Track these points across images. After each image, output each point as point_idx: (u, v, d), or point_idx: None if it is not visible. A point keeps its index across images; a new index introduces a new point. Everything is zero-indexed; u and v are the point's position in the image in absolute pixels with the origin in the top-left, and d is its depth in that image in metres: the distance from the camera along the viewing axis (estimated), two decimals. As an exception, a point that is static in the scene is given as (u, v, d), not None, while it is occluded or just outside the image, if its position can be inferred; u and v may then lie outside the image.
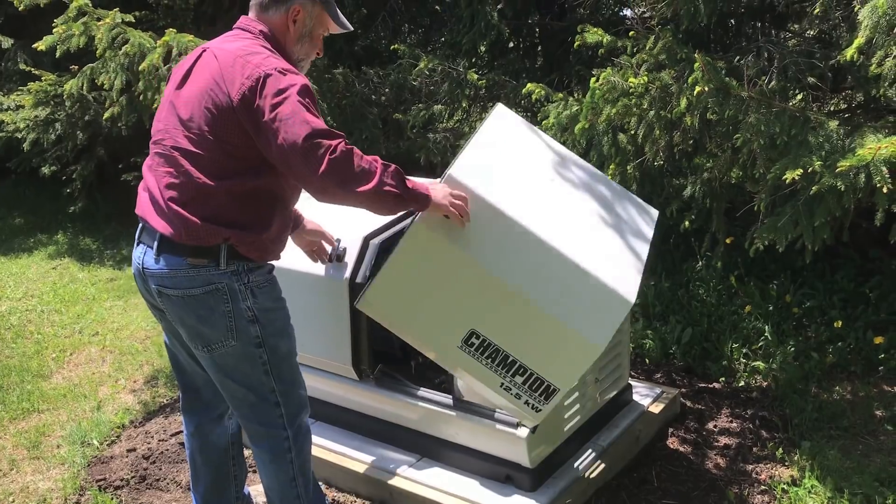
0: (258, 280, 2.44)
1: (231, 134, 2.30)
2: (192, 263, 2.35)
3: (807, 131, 3.15)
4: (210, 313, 2.38)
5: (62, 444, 3.73)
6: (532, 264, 2.49)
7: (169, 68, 4.57)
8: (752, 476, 3.16)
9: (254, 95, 2.26)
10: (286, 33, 2.50)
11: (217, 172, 2.32)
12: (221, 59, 2.35)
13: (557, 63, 5.83)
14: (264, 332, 2.45)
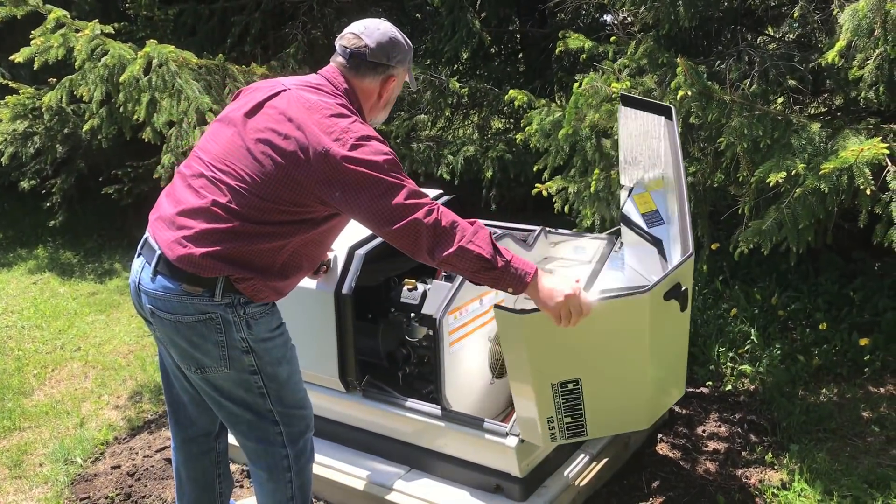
0: (254, 312, 2.33)
1: (292, 191, 2.20)
2: (187, 290, 2.26)
3: (789, 134, 3.17)
4: (202, 341, 2.31)
5: (45, 463, 3.67)
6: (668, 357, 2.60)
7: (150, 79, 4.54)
8: (741, 480, 3.15)
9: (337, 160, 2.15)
10: (372, 99, 2.42)
11: (252, 218, 2.22)
12: (306, 109, 2.22)
13: (539, 70, 5.85)
14: (260, 361, 2.37)
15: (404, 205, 2.15)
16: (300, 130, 2.19)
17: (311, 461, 2.59)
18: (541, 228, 3.36)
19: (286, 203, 2.21)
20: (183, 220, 2.26)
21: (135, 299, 2.44)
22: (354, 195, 2.16)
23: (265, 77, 5.00)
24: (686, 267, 2.35)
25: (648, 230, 2.84)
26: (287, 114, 2.23)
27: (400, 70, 2.43)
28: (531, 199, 4.28)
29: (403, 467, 3.08)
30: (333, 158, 2.14)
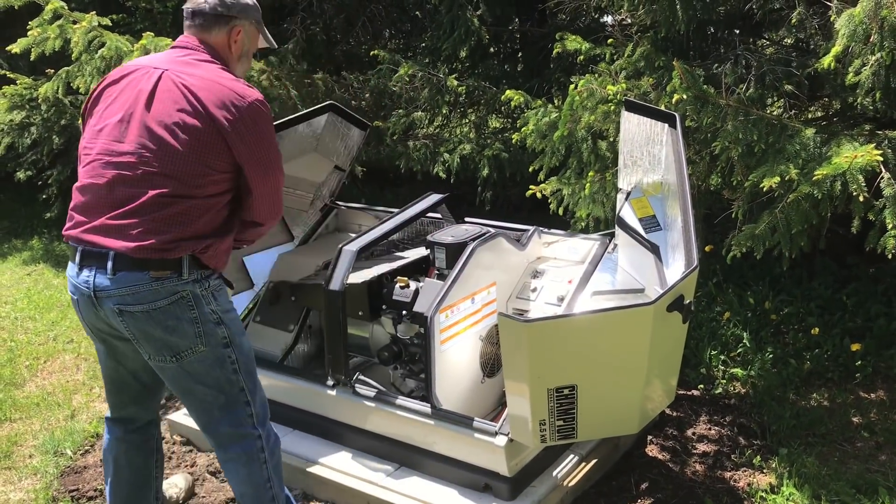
0: (216, 284, 2.49)
1: (214, 158, 2.35)
2: (155, 276, 2.34)
3: (784, 139, 3.17)
4: (178, 322, 2.39)
5: (34, 454, 3.66)
6: (663, 365, 2.63)
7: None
8: (730, 483, 3.16)
9: (232, 118, 2.35)
10: (228, 53, 2.57)
11: (193, 192, 2.35)
12: (201, 85, 2.37)
13: (538, 69, 5.84)
14: (230, 332, 2.49)
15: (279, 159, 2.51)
16: (199, 101, 2.34)
17: (278, 446, 2.69)
18: (534, 228, 3.37)
19: (211, 169, 2.36)
20: (129, 219, 2.33)
21: (87, 312, 2.45)
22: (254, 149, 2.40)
23: (262, 72, 5.00)
24: (690, 280, 2.36)
25: (645, 235, 2.84)
26: (183, 91, 2.36)
27: (244, 22, 2.57)
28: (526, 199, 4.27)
29: (393, 465, 3.08)
30: (236, 118, 2.35)
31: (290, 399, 3.34)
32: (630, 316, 2.34)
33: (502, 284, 3.18)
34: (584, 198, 3.69)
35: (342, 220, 4.05)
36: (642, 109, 2.87)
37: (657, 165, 2.89)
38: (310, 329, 3.53)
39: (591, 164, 3.70)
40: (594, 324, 2.38)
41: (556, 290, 3.15)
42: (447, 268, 3.12)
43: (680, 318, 2.38)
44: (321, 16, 6.19)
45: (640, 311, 2.31)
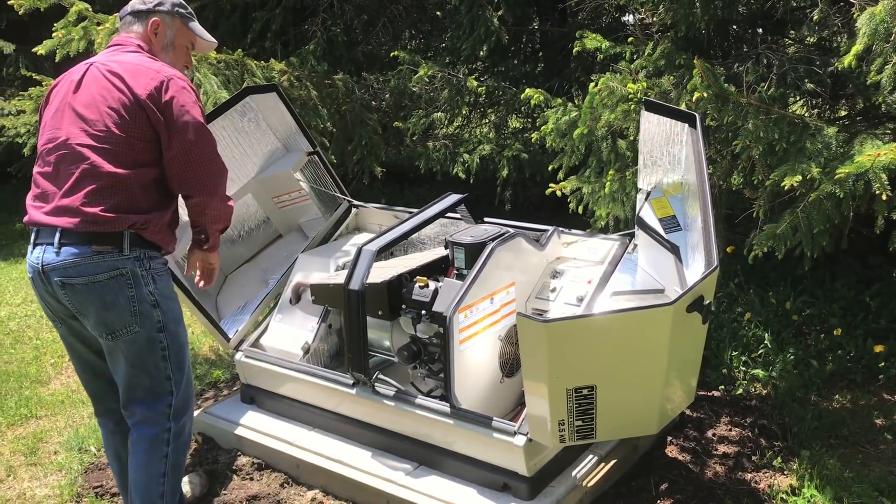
0: (157, 267, 2.64)
1: (137, 129, 2.55)
2: (97, 250, 2.51)
3: (805, 138, 3.15)
4: (115, 298, 2.54)
5: (59, 451, 3.72)
6: (683, 366, 2.61)
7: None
8: (750, 485, 3.14)
9: (159, 96, 2.55)
10: (152, 44, 2.78)
11: (125, 163, 2.54)
12: (122, 67, 2.59)
13: (558, 69, 5.83)
14: (165, 317, 2.63)
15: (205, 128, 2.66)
16: (124, 82, 2.55)
17: (187, 447, 2.82)
18: (553, 228, 3.36)
19: (137, 140, 2.55)
20: (72, 197, 2.52)
21: (40, 288, 2.63)
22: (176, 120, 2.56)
23: (283, 73, 5.03)
24: (709, 281, 2.35)
25: (665, 235, 2.83)
26: (107, 76, 2.58)
27: (163, 15, 2.78)
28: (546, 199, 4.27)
29: (412, 464, 3.09)
30: (156, 91, 2.54)
31: (309, 398, 3.37)
32: (649, 316, 2.33)
33: (521, 284, 3.19)
34: (604, 197, 3.68)
35: (361, 219, 4.07)
36: (662, 109, 2.87)
37: (677, 165, 2.88)
38: (330, 329, 3.55)
39: (610, 163, 3.70)
40: (613, 324, 2.37)
41: (575, 291, 3.14)
42: (466, 268, 3.13)
43: (700, 319, 2.37)
44: (342, 17, 6.23)
45: (659, 312, 2.31)
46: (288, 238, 4.09)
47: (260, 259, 4.03)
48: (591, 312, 2.85)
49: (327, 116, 5.09)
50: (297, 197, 3.97)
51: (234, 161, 3.77)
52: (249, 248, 4.05)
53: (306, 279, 3.60)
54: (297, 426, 3.41)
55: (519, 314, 2.37)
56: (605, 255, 3.25)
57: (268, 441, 3.36)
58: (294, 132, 3.87)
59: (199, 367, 4.49)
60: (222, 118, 3.60)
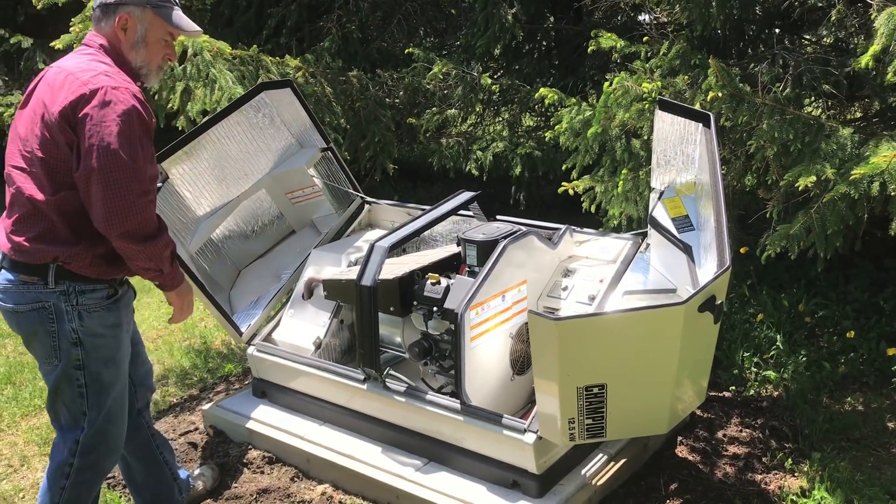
0: (89, 303, 2.45)
1: (55, 149, 2.35)
2: (23, 280, 2.42)
3: (820, 139, 3.14)
4: (35, 331, 2.46)
5: (72, 442, 3.74)
6: (694, 365, 2.59)
7: (184, 68, 4.60)
8: (760, 486, 3.13)
9: (73, 112, 2.31)
10: (120, 43, 2.51)
11: (46, 189, 2.36)
12: (53, 78, 2.41)
13: (572, 67, 5.83)
14: (87, 357, 2.48)
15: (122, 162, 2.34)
16: (50, 95, 2.37)
17: (92, 485, 2.66)
18: (566, 227, 3.36)
19: (56, 161, 2.35)
20: (6, 221, 2.45)
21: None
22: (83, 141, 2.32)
23: (298, 69, 5.04)
24: (721, 280, 2.34)
25: (678, 235, 2.82)
26: (44, 87, 2.43)
27: (133, 8, 2.49)
28: (559, 197, 4.27)
29: (422, 459, 3.10)
30: (70, 107, 2.31)
31: (321, 393, 3.38)
32: (661, 315, 2.33)
33: (533, 283, 3.19)
34: (617, 196, 3.68)
35: (374, 216, 4.08)
36: (676, 109, 2.86)
37: (690, 165, 2.88)
38: (342, 324, 3.57)
39: (624, 163, 3.69)
40: (624, 323, 2.37)
41: (587, 289, 3.14)
42: (478, 265, 3.13)
43: (711, 319, 2.37)
44: (357, 13, 6.24)
45: (670, 311, 2.31)
46: (301, 234, 4.10)
47: (273, 254, 4.05)
48: (602, 311, 2.85)
49: (341, 113, 5.10)
50: (310, 193, 3.99)
51: (248, 156, 3.79)
52: (263, 243, 4.07)
53: (319, 274, 3.61)
54: (308, 421, 3.42)
55: (530, 312, 2.37)
56: (618, 254, 3.25)
57: (279, 435, 3.38)
58: (308, 128, 3.88)
59: (211, 361, 4.51)
60: (237, 113, 3.62)
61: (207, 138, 3.59)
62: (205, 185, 3.70)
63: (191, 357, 4.55)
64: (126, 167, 2.29)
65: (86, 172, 2.29)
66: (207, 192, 3.72)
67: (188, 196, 3.67)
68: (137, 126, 2.33)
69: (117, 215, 2.31)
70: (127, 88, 2.35)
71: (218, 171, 3.70)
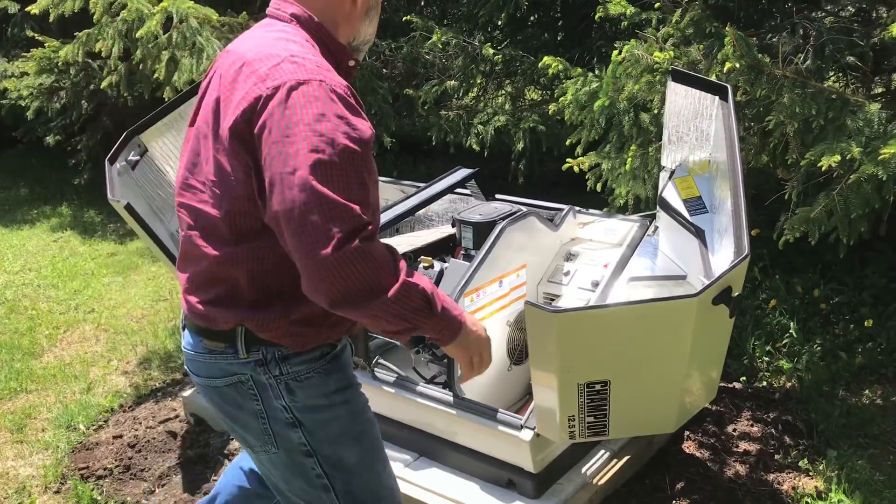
0: (296, 371, 1.75)
1: (229, 182, 1.64)
2: (208, 347, 1.78)
3: (845, 115, 2.90)
4: (238, 411, 1.80)
5: (47, 428, 3.57)
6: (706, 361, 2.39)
7: (169, 36, 4.37)
8: (773, 486, 2.94)
9: (247, 124, 1.59)
10: (343, 10, 1.77)
11: (224, 237, 1.68)
12: (226, 70, 1.69)
13: (579, 38, 5.57)
14: (312, 438, 1.78)
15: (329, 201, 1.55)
16: (224, 99, 1.67)
17: None
18: (569, 208, 3.15)
19: (238, 197, 1.64)
20: (182, 272, 1.83)
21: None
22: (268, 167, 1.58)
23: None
24: (738, 270, 2.12)
25: (690, 218, 2.61)
26: (218, 85, 1.71)
27: None
28: (563, 174, 4.04)
29: (412, 454, 2.91)
30: (244, 118, 1.61)
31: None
32: (671, 308, 2.12)
33: (533, 267, 2.98)
34: (625, 174, 3.45)
35: (367, 193, 3.85)
36: (691, 80, 2.63)
37: (705, 142, 2.65)
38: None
39: (632, 138, 3.46)
40: (631, 316, 2.16)
41: (590, 275, 2.94)
42: (474, 248, 2.93)
43: (727, 312, 2.15)
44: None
45: (682, 304, 2.09)
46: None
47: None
48: (607, 303, 2.64)
49: (336, 84, 4.86)
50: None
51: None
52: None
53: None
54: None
55: (527, 303, 2.16)
56: (624, 237, 3.04)
57: (261, 425, 3.19)
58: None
59: (196, 343, 4.32)
60: None
61: (189, 109, 3.36)
62: (186, 159, 3.48)
63: (176, 339, 4.36)
64: (320, 200, 1.51)
65: (273, 215, 1.56)
66: (189, 167, 3.51)
67: (169, 171, 3.45)
68: (344, 134, 1.55)
69: (319, 274, 1.53)
70: (322, 82, 1.58)
71: (200, 144, 3.48)
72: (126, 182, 3.19)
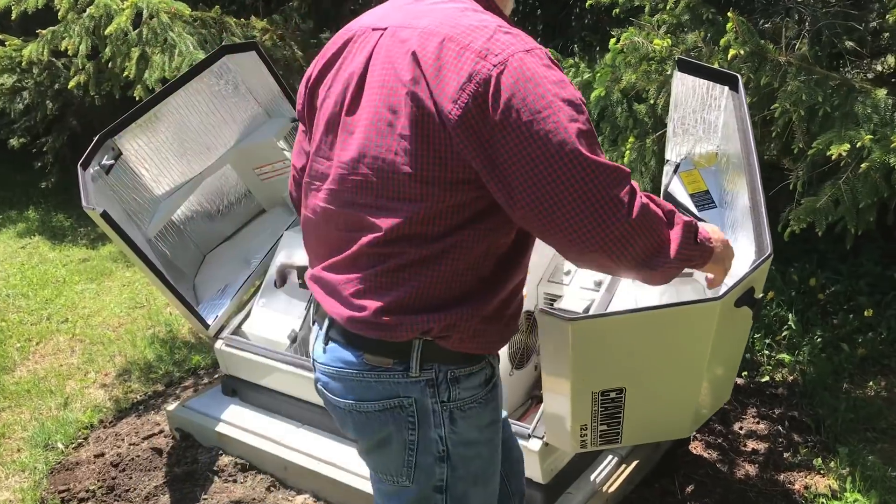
0: (466, 395, 1.61)
1: (446, 172, 1.46)
2: (371, 363, 1.57)
3: (851, 101, 2.81)
4: (385, 440, 1.62)
5: (23, 448, 3.39)
6: (723, 364, 2.27)
7: (139, 32, 4.19)
8: (785, 486, 2.86)
9: (483, 107, 1.40)
10: None
11: (419, 232, 1.50)
12: (421, 47, 1.46)
13: (560, 28, 5.45)
14: (453, 475, 1.64)
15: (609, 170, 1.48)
16: (422, 80, 1.45)
17: None
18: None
19: (444, 191, 1.47)
20: (341, 273, 1.59)
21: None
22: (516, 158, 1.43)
23: (265, 31, 4.64)
24: (762, 271, 2.01)
25: (697, 213, 2.50)
26: (398, 66, 1.49)
27: None
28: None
29: (412, 466, 2.79)
30: (475, 102, 1.40)
31: (298, 391, 3.05)
32: (692, 313, 2.01)
33: (532, 266, 2.84)
34: (621, 167, 3.33)
35: (353, 192, 3.71)
36: (698, 69, 2.51)
37: (712, 134, 2.54)
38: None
39: (628, 129, 3.35)
40: (650, 322, 2.04)
41: (592, 273, 2.82)
42: (472, 248, 2.79)
43: (749, 314, 2.05)
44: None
45: (704, 308, 1.98)
46: (271, 213, 3.73)
47: (241, 237, 3.68)
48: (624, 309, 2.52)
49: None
50: (281, 168, 3.61)
51: (211, 129, 3.41)
52: (229, 224, 3.70)
53: (293, 260, 3.26)
54: (284, 422, 3.09)
55: (541, 310, 2.03)
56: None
57: (252, 440, 3.05)
58: (277, 96, 3.50)
59: (177, 352, 4.15)
60: (197, 81, 3.23)
61: (165, 109, 3.21)
62: (163, 162, 3.32)
63: (155, 348, 4.19)
64: (599, 169, 1.41)
65: (540, 198, 1.41)
66: (166, 170, 3.35)
67: (145, 174, 3.30)
68: (580, 100, 1.45)
69: (620, 242, 1.45)
70: (541, 48, 1.46)
71: (177, 145, 3.33)
72: (101, 188, 3.02)
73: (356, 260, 1.56)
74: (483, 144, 1.41)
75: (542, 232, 1.47)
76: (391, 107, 1.47)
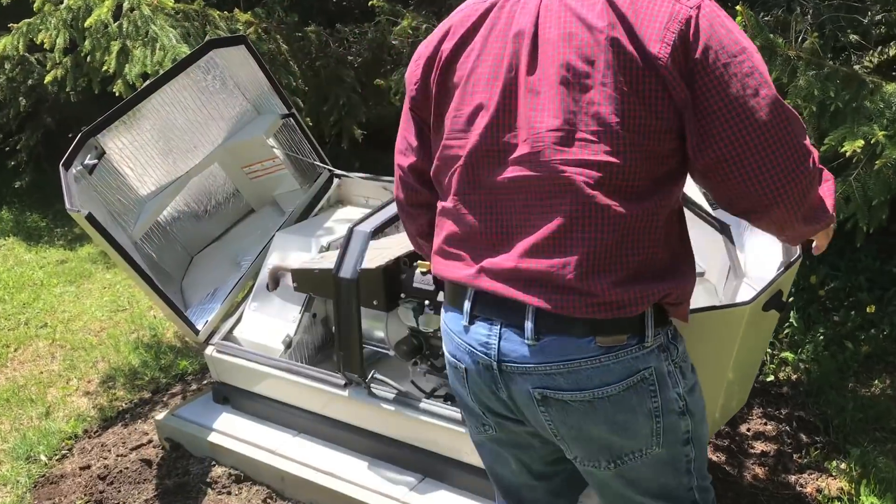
0: (681, 347, 1.62)
1: (653, 119, 1.42)
2: (604, 345, 1.50)
3: (862, 96, 2.75)
4: (631, 417, 1.55)
5: (4, 460, 3.25)
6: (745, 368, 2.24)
7: (120, 25, 4.03)
8: (796, 489, 2.80)
9: (687, 49, 1.40)
10: None
11: (634, 191, 1.45)
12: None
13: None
14: (693, 421, 1.62)
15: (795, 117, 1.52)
16: (619, 29, 1.43)
17: None
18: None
19: (653, 140, 1.44)
20: (548, 256, 1.49)
21: (476, 384, 1.65)
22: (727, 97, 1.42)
23: (249, 24, 4.49)
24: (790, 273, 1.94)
25: (711, 212, 2.42)
26: (583, 19, 1.46)
27: None
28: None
29: (416, 476, 2.69)
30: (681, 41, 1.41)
31: (294, 399, 2.94)
32: (719, 318, 1.93)
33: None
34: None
35: (345, 191, 3.60)
36: None
37: None
38: (314, 319, 3.11)
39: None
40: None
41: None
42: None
43: (776, 318, 1.98)
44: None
45: (733, 312, 1.91)
46: (261, 213, 3.61)
47: (230, 238, 3.56)
48: None
49: (299, 73, 4.58)
50: (270, 166, 3.49)
51: (198, 126, 3.29)
52: (218, 224, 3.58)
53: (285, 262, 3.14)
54: (280, 431, 2.98)
55: None
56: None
57: (247, 449, 2.94)
58: (266, 92, 3.38)
59: (163, 357, 4.02)
60: (183, 76, 3.10)
61: (149, 106, 3.08)
62: (148, 161, 3.20)
63: (140, 353, 4.05)
64: (793, 116, 1.44)
65: (735, 142, 1.41)
66: (152, 169, 3.22)
67: (129, 174, 3.17)
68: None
69: (801, 192, 1.46)
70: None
71: (163, 143, 3.20)
72: (84, 189, 2.89)
73: (565, 237, 1.48)
74: (686, 82, 1.41)
75: (725, 178, 1.45)
76: (585, 57, 1.44)
